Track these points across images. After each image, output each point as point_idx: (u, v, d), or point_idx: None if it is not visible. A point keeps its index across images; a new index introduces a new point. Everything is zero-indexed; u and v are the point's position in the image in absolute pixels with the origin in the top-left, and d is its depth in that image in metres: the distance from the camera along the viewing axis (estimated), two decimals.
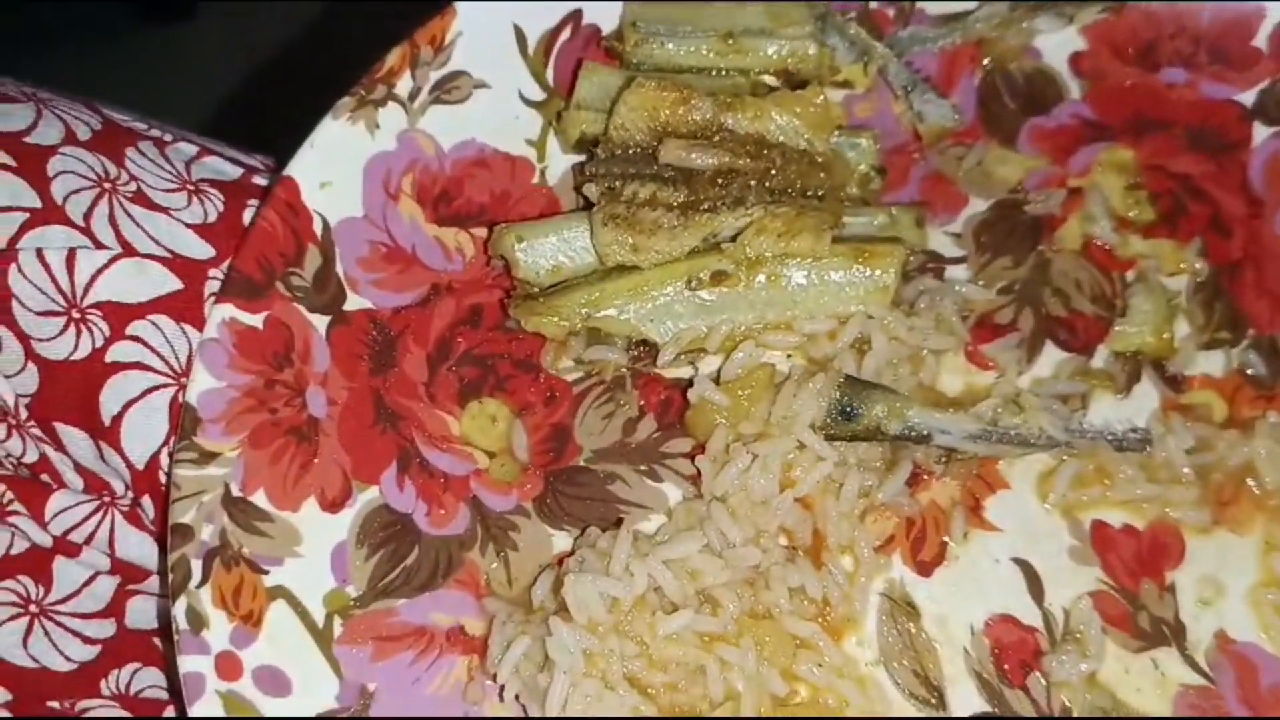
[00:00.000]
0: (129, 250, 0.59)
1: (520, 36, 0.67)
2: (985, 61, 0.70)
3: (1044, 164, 0.69)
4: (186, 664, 0.54)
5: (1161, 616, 0.60)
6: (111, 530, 0.60)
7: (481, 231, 0.66)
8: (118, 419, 0.59)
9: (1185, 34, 0.69)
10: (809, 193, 0.65)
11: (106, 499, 0.60)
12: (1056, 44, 0.70)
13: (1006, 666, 0.59)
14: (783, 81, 0.68)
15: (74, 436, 0.59)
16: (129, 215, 0.59)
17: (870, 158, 0.67)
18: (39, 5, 1.78)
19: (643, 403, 0.64)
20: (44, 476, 0.59)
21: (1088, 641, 0.59)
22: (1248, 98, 0.68)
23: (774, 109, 0.66)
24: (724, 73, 0.68)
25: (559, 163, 0.68)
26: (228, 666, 0.55)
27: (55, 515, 0.59)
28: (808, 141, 0.66)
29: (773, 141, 0.66)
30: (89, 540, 0.60)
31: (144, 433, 0.60)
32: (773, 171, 0.64)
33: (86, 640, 0.60)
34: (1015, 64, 0.70)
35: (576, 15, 0.68)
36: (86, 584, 0.60)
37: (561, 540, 0.62)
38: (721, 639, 0.57)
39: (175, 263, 0.60)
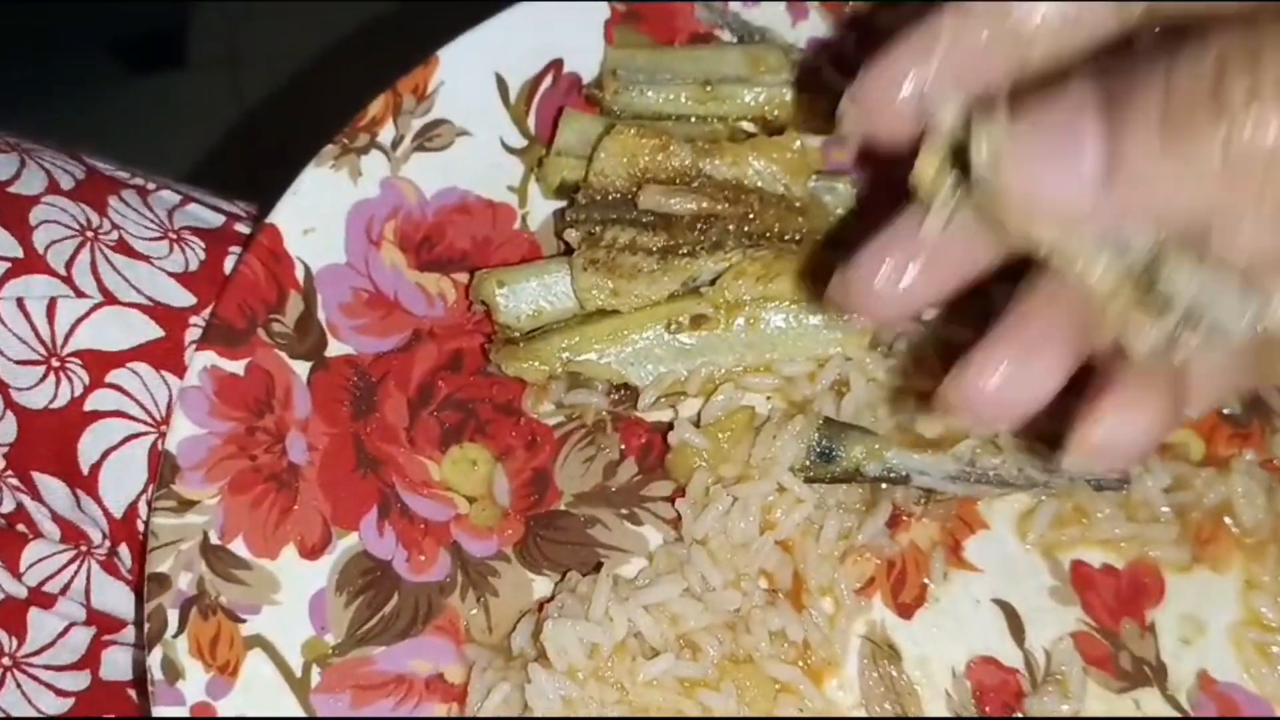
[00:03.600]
0: (110, 299, 0.59)
1: (502, 85, 0.68)
2: None
3: None
4: (161, 715, 0.54)
5: (1143, 656, 0.60)
6: (88, 580, 0.60)
7: (463, 277, 0.66)
8: (96, 467, 0.59)
9: None
10: (787, 236, 0.66)
11: (84, 549, 0.60)
12: None
13: (988, 708, 0.59)
14: (760, 128, 0.70)
15: (51, 486, 0.58)
16: (110, 264, 0.60)
17: (847, 202, 0.68)
18: (26, 62, 1.80)
19: (623, 446, 0.64)
20: (19, 526, 0.59)
21: (1069, 682, 0.59)
22: None
23: (752, 155, 0.67)
24: (703, 120, 0.69)
25: (541, 209, 0.69)
26: (203, 717, 0.54)
27: (31, 565, 0.58)
28: (785, 186, 0.67)
29: (750, 186, 0.66)
30: (65, 590, 0.59)
31: (122, 481, 0.59)
32: (751, 216, 0.65)
33: (60, 693, 0.59)
34: None
35: (558, 64, 0.69)
36: (61, 635, 0.59)
37: (542, 585, 0.61)
38: (702, 684, 0.57)
39: (156, 311, 0.60)
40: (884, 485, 0.62)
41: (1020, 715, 0.58)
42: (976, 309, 0.67)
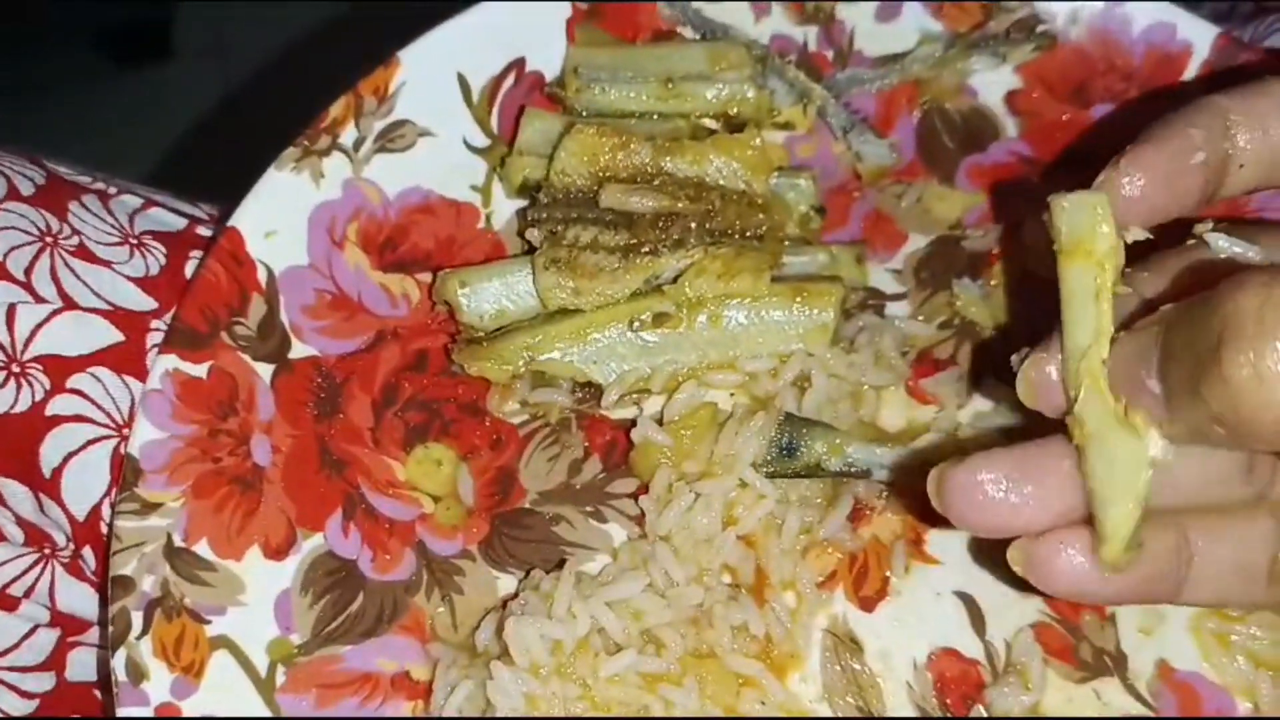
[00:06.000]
0: (70, 304, 0.60)
1: (464, 85, 0.68)
2: (922, 101, 0.72)
3: (982, 200, 0.70)
4: (126, 715, 0.54)
5: (1103, 647, 0.60)
6: (52, 582, 0.60)
7: (427, 277, 0.67)
8: (58, 471, 0.59)
9: (1116, 71, 0.70)
10: (749, 233, 0.66)
11: (47, 551, 0.60)
12: (992, 83, 0.71)
13: (949, 700, 0.59)
14: (723, 124, 0.70)
15: (14, 490, 0.59)
16: (70, 269, 0.60)
17: (809, 198, 0.68)
18: (11, 57, 1.80)
19: (588, 444, 0.65)
20: None
21: (1029, 673, 0.59)
22: None
23: (712, 152, 0.67)
24: (665, 117, 0.69)
25: (504, 208, 0.69)
26: (168, 718, 0.55)
27: None
28: (746, 183, 0.67)
29: (712, 184, 0.67)
30: (29, 593, 0.59)
31: (85, 485, 0.60)
32: (712, 213, 0.65)
33: (24, 694, 0.60)
34: (952, 103, 0.72)
35: (520, 63, 0.69)
36: (26, 637, 0.60)
37: (507, 583, 0.62)
38: (665, 679, 0.57)
39: (116, 315, 0.61)
40: (846, 480, 0.62)
41: (984, 713, 0.59)
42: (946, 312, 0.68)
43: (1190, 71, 0.69)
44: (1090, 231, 0.44)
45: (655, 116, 0.69)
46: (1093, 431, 0.43)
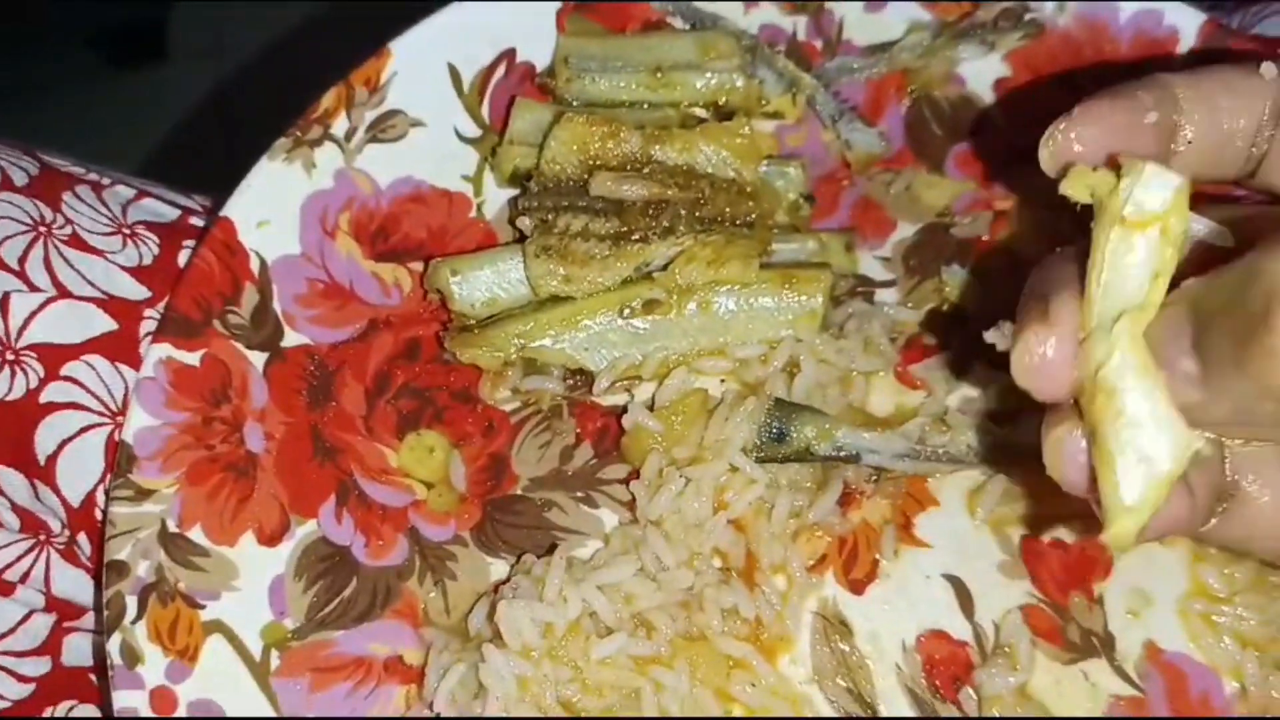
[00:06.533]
0: (64, 293, 0.60)
1: (455, 75, 0.69)
2: (911, 90, 0.72)
3: (970, 187, 0.71)
4: (120, 699, 0.55)
5: (1090, 628, 0.61)
6: (47, 568, 0.61)
7: (419, 266, 0.67)
8: (53, 458, 0.60)
9: (1103, 59, 0.70)
10: (738, 221, 0.66)
11: (43, 537, 0.61)
12: (980, 71, 0.72)
13: (938, 681, 0.60)
14: (712, 113, 0.70)
15: (9, 477, 0.59)
16: (64, 259, 0.61)
17: (799, 186, 0.69)
18: (6, 59, 1.80)
19: (579, 430, 0.65)
20: None
21: (1018, 655, 0.59)
22: None
23: (702, 140, 0.67)
24: (655, 106, 0.70)
25: (495, 197, 0.69)
26: (162, 701, 0.55)
27: None
28: (736, 171, 0.67)
29: (701, 172, 0.67)
30: (24, 579, 0.60)
31: (79, 471, 0.60)
32: (702, 201, 0.66)
33: (21, 679, 0.60)
34: (940, 91, 0.72)
35: (510, 53, 0.70)
36: (21, 622, 0.60)
37: (499, 568, 0.62)
38: (656, 661, 0.58)
39: (110, 304, 0.61)
40: (835, 464, 0.62)
41: (972, 694, 0.59)
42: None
43: (1178, 59, 0.69)
44: (1169, 211, 0.40)
45: (645, 106, 0.70)
46: (1126, 391, 0.39)
